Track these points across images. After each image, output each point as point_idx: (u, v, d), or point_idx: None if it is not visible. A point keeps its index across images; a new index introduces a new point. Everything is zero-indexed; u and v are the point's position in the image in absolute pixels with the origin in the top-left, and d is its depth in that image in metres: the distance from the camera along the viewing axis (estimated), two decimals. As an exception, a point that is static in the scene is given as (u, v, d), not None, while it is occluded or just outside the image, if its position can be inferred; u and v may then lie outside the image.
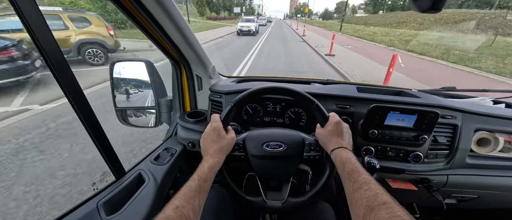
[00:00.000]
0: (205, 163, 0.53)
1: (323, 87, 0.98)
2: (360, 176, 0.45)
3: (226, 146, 0.59)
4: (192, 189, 0.45)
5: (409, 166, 0.82)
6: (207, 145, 0.58)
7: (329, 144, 0.57)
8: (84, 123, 0.50)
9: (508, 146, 0.83)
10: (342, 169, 0.49)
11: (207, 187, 0.50)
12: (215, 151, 0.57)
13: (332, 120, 0.61)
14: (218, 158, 0.56)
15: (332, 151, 0.56)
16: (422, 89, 1.12)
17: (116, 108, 1.00)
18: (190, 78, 1.02)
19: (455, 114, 0.81)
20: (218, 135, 0.59)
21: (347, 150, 0.54)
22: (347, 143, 0.57)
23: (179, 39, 0.77)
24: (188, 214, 0.40)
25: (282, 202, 0.62)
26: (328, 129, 0.60)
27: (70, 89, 0.46)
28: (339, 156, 0.53)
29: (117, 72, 0.97)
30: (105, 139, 0.57)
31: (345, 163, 0.50)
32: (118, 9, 0.59)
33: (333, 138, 0.58)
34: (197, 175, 0.49)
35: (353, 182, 0.44)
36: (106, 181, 0.64)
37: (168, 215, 0.38)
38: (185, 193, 0.44)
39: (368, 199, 0.39)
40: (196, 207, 0.43)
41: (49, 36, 0.42)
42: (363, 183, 0.42)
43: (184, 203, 0.42)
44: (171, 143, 0.97)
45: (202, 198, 0.47)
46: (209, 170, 0.52)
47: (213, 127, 0.60)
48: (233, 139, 0.63)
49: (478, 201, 0.91)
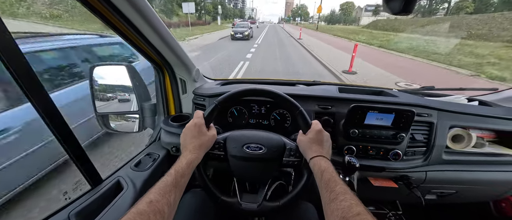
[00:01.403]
0: (183, 159, 0.53)
1: (306, 88, 1.00)
2: (337, 186, 0.46)
3: (206, 142, 0.59)
4: (168, 183, 0.45)
5: (389, 164, 0.84)
6: (187, 141, 0.58)
7: (309, 152, 0.58)
8: (52, 129, 0.48)
9: (481, 141, 0.87)
10: (320, 178, 0.50)
11: (184, 182, 0.49)
12: (195, 147, 0.56)
13: (314, 128, 0.61)
14: (197, 154, 0.56)
15: (311, 159, 0.56)
16: (402, 89, 1.16)
17: (97, 114, 0.97)
18: (173, 81, 1.00)
19: (431, 112, 0.84)
20: (199, 131, 0.59)
21: (326, 159, 0.55)
22: (326, 152, 0.58)
23: (159, 43, 0.76)
24: (162, 209, 0.40)
25: (257, 205, 0.62)
26: (309, 136, 0.60)
27: (34, 93, 0.44)
28: (317, 165, 0.53)
29: (98, 76, 0.95)
30: (78, 146, 0.55)
31: (323, 172, 0.50)
32: (92, 13, 0.57)
33: (313, 146, 0.58)
34: (174, 170, 0.49)
35: (330, 192, 0.45)
36: (80, 190, 0.62)
37: (140, 209, 0.37)
38: (161, 188, 0.43)
39: (343, 210, 0.40)
40: (171, 202, 0.43)
41: (2, 30, 0.39)
42: (339, 194, 0.43)
43: (159, 197, 0.41)
44: (154, 148, 0.95)
45: (178, 193, 0.46)
46: (187, 165, 0.51)
47: (194, 123, 0.60)
48: (214, 137, 0.63)
49: (456, 196, 0.95)
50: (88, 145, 2.08)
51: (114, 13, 0.57)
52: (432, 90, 1.18)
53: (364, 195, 1.01)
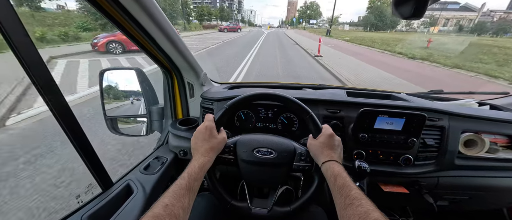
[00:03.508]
0: (195, 162, 0.53)
1: (314, 92, 1.00)
2: (351, 191, 0.45)
3: (216, 145, 0.59)
4: (182, 187, 0.45)
5: (400, 169, 0.82)
6: (198, 144, 0.58)
7: (320, 156, 0.57)
8: (67, 133, 0.49)
9: (494, 147, 0.85)
10: (333, 183, 0.49)
11: (197, 186, 0.49)
12: (206, 150, 0.56)
13: (325, 132, 0.60)
14: (209, 157, 0.56)
15: (323, 164, 0.55)
16: (411, 92, 1.15)
17: (106, 117, 0.98)
18: (181, 85, 1.01)
19: (442, 116, 0.83)
20: (210, 134, 0.59)
21: (338, 163, 0.54)
22: (338, 156, 0.57)
23: (169, 48, 0.77)
24: (177, 213, 0.40)
25: (268, 210, 0.61)
26: (320, 140, 0.59)
27: (51, 97, 0.44)
28: (330, 169, 0.52)
29: (108, 81, 0.96)
30: (91, 150, 0.56)
31: (336, 177, 0.49)
32: (106, 19, 0.59)
33: (324, 151, 0.57)
34: (187, 174, 0.48)
35: (344, 197, 0.44)
36: (92, 193, 0.62)
37: (156, 213, 0.38)
38: (175, 192, 0.43)
39: (360, 216, 0.39)
40: (185, 205, 0.43)
41: (25, 37, 0.40)
42: (355, 199, 0.43)
43: (174, 201, 0.41)
44: (162, 151, 0.96)
45: (192, 197, 0.46)
46: (200, 169, 0.51)
47: (205, 126, 0.60)
48: (225, 139, 0.63)
49: (470, 202, 0.92)
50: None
51: (128, 20, 0.59)
52: (441, 94, 1.16)
53: (375, 201, 0.99)
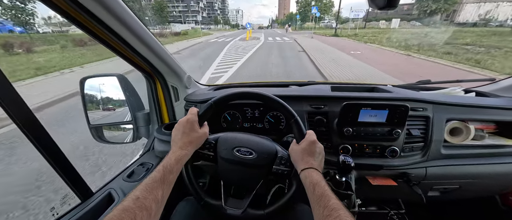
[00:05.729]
0: (172, 155, 0.52)
1: (299, 89, 0.99)
2: (330, 201, 0.44)
3: (196, 140, 0.59)
4: (156, 180, 0.44)
5: (387, 161, 0.81)
6: (178, 136, 0.57)
7: (300, 163, 0.56)
8: (33, 141, 0.48)
9: (481, 133, 0.85)
10: (312, 191, 0.48)
11: (172, 179, 0.48)
12: (184, 143, 0.56)
13: (308, 138, 0.59)
14: (186, 150, 0.55)
15: (302, 171, 0.54)
16: (398, 84, 1.14)
17: (90, 126, 0.97)
18: (165, 89, 1.00)
19: (426, 106, 0.82)
20: (191, 128, 0.58)
21: (318, 172, 0.53)
22: (318, 165, 0.56)
23: (146, 52, 0.76)
24: (149, 205, 0.39)
25: (241, 211, 0.60)
26: (302, 146, 0.58)
27: (13, 107, 0.43)
28: (309, 177, 0.51)
29: (90, 88, 0.95)
30: (63, 158, 0.54)
31: (315, 186, 0.48)
32: (78, 28, 0.57)
33: (305, 157, 0.56)
34: (162, 166, 0.48)
35: (323, 207, 0.43)
36: (69, 205, 0.60)
37: (126, 206, 0.36)
38: (148, 184, 0.43)
39: None
40: (159, 198, 0.42)
41: None
42: (333, 210, 0.42)
43: (146, 194, 0.40)
44: (148, 157, 0.94)
45: (166, 189, 0.45)
46: (176, 162, 0.50)
47: (187, 119, 0.59)
48: (205, 135, 0.62)
49: (460, 191, 0.92)
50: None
51: (99, 26, 0.58)
52: (428, 84, 1.16)
53: (364, 195, 0.98)
